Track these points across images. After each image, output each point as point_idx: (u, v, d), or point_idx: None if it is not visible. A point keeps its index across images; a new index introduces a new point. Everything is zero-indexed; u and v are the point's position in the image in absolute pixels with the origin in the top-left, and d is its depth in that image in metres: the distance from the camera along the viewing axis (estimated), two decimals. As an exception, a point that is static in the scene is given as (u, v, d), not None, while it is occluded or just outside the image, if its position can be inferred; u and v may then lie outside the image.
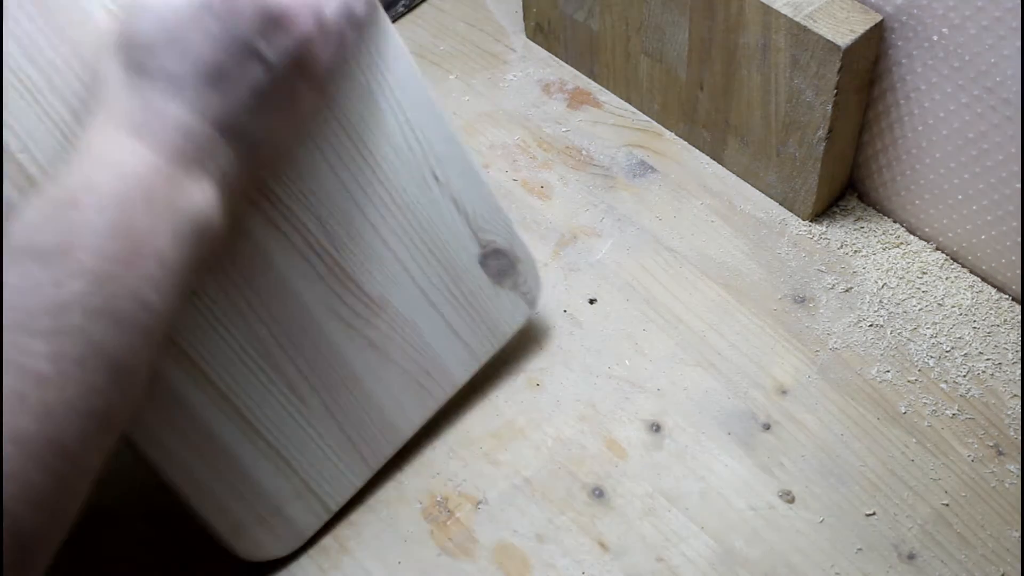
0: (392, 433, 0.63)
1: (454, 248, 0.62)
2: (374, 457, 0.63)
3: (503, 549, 0.62)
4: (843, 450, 0.65)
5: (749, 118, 0.75)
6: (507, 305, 0.66)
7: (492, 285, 0.65)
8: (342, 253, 0.58)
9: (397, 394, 0.63)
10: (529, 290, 0.67)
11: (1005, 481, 0.63)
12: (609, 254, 0.76)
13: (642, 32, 0.79)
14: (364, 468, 0.63)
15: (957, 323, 0.71)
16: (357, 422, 0.61)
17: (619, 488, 0.64)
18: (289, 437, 0.59)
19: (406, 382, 0.63)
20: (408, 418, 0.64)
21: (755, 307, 0.72)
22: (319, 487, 0.61)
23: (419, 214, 0.60)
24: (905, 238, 0.76)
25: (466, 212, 0.62)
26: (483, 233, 0.63)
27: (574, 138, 0.83)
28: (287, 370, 0.58)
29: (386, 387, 0.62)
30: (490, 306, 0.65)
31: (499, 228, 0.64)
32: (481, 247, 0.63)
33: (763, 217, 0.78)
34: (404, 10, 0.94)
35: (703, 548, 0.61)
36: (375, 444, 0.63)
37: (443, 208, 0.61)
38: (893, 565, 0.60)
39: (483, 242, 0.64)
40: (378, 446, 0.63)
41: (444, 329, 0.63)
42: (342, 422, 0.61)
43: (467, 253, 0.63)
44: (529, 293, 0.67)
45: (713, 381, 0.69)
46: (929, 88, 0.68)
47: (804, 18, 0.66)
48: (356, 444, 0.62)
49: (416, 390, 0.63)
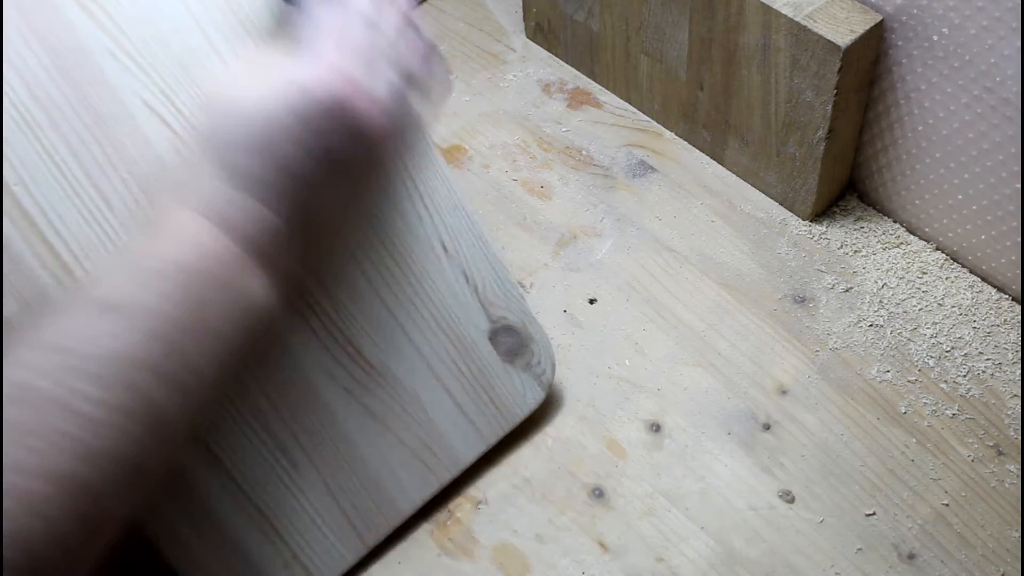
0: (390, 509, 0.61)
1: (462, 321, 0.61)
2: (369, 534, 0.60)
3: (503, 549, 0.62)
4: (843, 450, 0.65)
5: (749, 118, 0.75)
6: (518, 386, 0.64)
7: (502, 363, 0.63)
8: (342, 316, 0.57)
9: (396, 468, 0.60)
10: (543, 372, 0.65)
11: (1005, 481, 0.63)
12: (609, 254, 0.76)
13: (642, 32, 0.79)
14: (358, 544, 0.60)
15: (957, 323, 0.71)
16: (351, 493, 0.59)
17: (619, 488, 0.64)
18: (279, 503, 0.57)
19: (406, 456, 0.61)
20: (408, 495, 0.61)
21: (755, 307, 0.72)
22: (308, 559, 0.58)
23: (426, 283, 0.60)
24: (905, 238, 0.76)
25: (476, 284, 0.61)
26: (493, 308, 0.62)
27: (574, 138, 0.83)
28: (279, 432, 0.56)
29: (384, 459, 0.60)
30: (499, 385, 0.63)
31: (511, 304, 0.63)
32: (491, 322, 0.62)
33: (763, 217, 0.78)
34: (404, 10, 0.94)
35: (703, 548, 0.61)
36: (370, 519, 0.60)
37: (451, 279, 0.60)
38: (893, 565, 0.60)
39: (493, 317, 0.62)
40: (374, 522, 0.60)
41: (449, 405, 0.61)
42: (335, 492, 0.58)
43: (476, 328, 0.62)
44: (543, 375, 0.65)
45: (713, 381, 0.69)
46: (929, 88, 0.68)
47: (804, 18, 0.66)
48: (350, 517, 0.59)
49: (417, 466, 0.61)
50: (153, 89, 0.52)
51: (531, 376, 0.64)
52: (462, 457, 0.63)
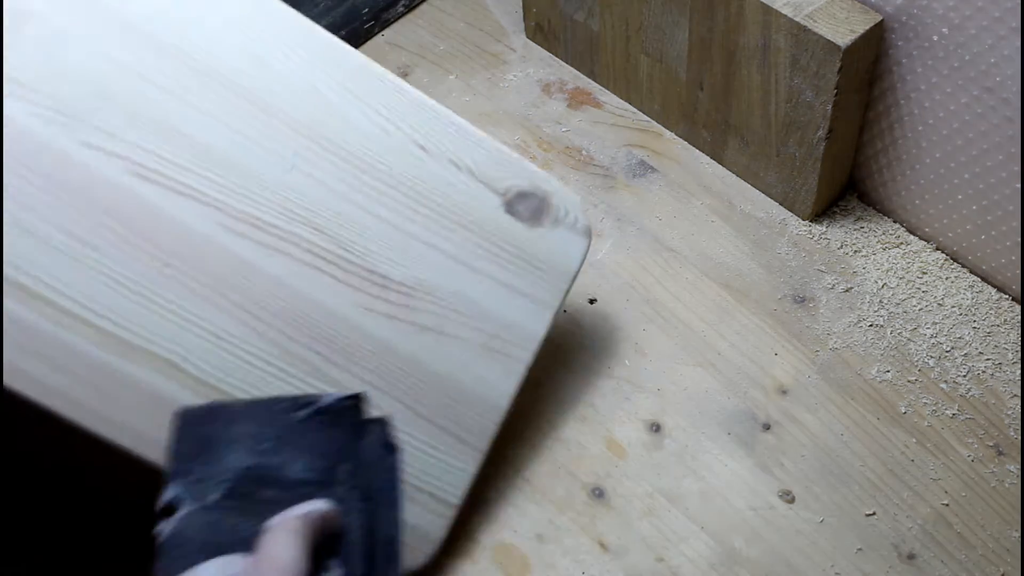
0: (487, 409, 0.60)
1: (471, 206, 0.60)
2: (476, 438, 0.60)
3: (503, 549, 0.62)
4: (843, 450, 0.65)
5: (749, 118, 0.75)
6: (556, 243, 0.63)
7: (530, 228, 0.62)
8: (355, 253, 0.58)
9: (473, 368, 0.60)
10: (575, 220, 0.63)
11: (1005, 481, 0.63)
12: (609, 254, 0.76)
13: (642, 32, 0.79)
14: (470, 451, 0.59)
15: (957, 323, 0.71)
16: (444, 410, 0.59)
17: (619, 488, 0.64)
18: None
19: (477, 353, 0.60)
20: (498, 389, 0.60)
21: (755, 307, 0.72)
22: (433, 487, 0.58)
23: (419, 188, 0.59)
24: (905, 238, 0.76)
25: (468, 167, 0.61)
26: (497, 182, 0.61)
27: (574, 138, 0.83)
28: (351, 384, 0.56)
29: (457, 365, 0.59)
30: (537, 250, 0.62)
31: (513, 171, 0.62)
32: (500, 195, 0.61)
33: (763, 217, 0.78)
34: (404, 10, 0.94)
35: (703, 548, 0.61)
36: (473, 425, 0.60)
37: (441, 173, 0.60)
38: (893, 565, 0.60)
39: (500, 190, 0.61)
40: (478, 426, 0.60)
41: (496, 288, 0.61)
42: (429, 416, 0.58)
43: (488, 207, 0.61)
44: (576, 223, 0.63)
45: (713, 381, 0.69)
46: (929, 88, 0.68)
47: (804, 18, 0.66)
48: (454, 432, 0.59)
49: (493, 358, 0.60)
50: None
51: (565, 228, 0.63)
52: (533, 331, 0.62)
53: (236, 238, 0.55)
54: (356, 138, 0.58)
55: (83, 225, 0.52)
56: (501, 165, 0.62)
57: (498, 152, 0.62)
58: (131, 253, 0.53)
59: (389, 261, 0.58)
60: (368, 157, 0.58)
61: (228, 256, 0.55)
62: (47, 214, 0.52)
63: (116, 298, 0.53)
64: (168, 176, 0.54)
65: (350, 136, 0.58)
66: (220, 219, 0.55)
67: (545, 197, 0.63)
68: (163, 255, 0.54)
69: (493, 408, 0.61)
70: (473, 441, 0.60)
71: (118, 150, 0.53)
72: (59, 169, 0.52)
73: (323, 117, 0.58)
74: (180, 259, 0.54)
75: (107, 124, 0.53)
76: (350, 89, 0.58)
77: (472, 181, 0.61)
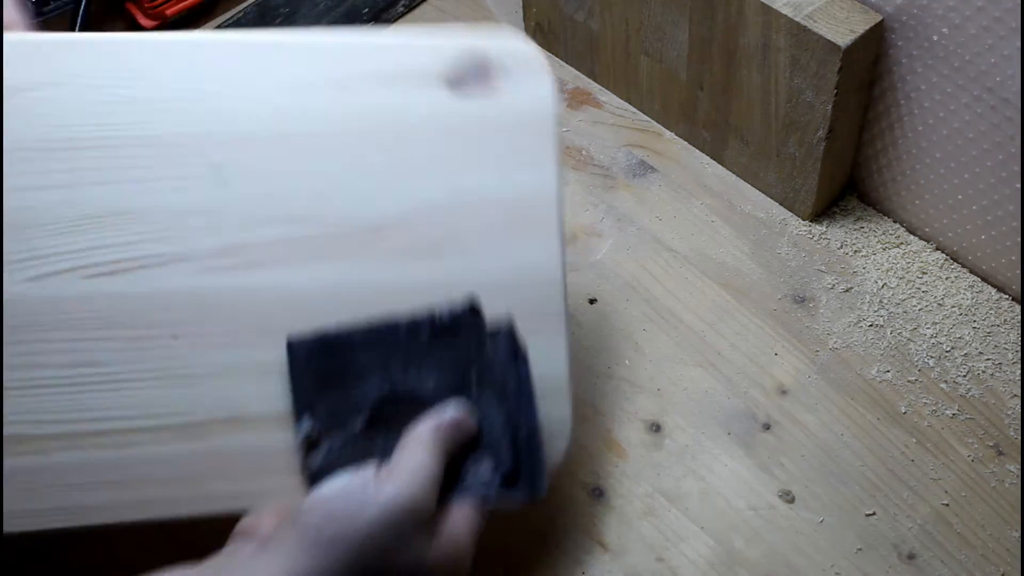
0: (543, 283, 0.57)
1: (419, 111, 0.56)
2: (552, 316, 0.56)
3: (505, 548, 0.62)
4: (843, 450, 0.65)
5: (749, 118, 0.75)
6: (519, 93, 0.56)
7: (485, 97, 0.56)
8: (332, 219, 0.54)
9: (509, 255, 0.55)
10: (525, 60, 0.58)
11: (1005, 481, 0.63)
12: (609, 254, 0.76)
13: (642, 32, 0.79)
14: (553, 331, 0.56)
15: (957, 323, 0.71)
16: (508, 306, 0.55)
17: (619, 488, 0.64)
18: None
19: (504, 240, 0.55)
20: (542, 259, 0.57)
21: (755, 307, 0.72)
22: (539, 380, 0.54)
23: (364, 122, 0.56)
24: (905, 238, 0.76)
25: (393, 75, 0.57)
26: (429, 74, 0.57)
27: (574, 138, 0.83)
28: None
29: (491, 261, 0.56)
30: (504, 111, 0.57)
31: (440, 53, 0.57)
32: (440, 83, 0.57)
33: (763, 217, 0.78)
34: (404, 10, 0.94)
35: (703, 548, 0.61)
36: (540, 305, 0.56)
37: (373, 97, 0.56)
38: (893, 565, 0.60)
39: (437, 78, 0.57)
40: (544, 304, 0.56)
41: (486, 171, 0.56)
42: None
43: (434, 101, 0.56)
44: (528, 62, 0.58)
45: (713, 381, 0.69)
46: (929, 88, 0.68)
47: (804, 18, 0.66)
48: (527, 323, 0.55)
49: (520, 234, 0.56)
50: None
51: (519, 75, 0.57)
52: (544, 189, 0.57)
53: (221, 274, 0.53)
54: (268, 113, 0.55)
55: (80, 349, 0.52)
56: (426, 53, 0.57)
57: (417, 43, 0.58)
58: (137, 345, 0.52)
59: (372, 208, 0.55)
60: (295, 125, 0.55)
61: (223, 294, 0.53)
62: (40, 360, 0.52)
63: (155, 392, 0.52)
64: (122, 259, 0.53)
65: (262, 115, 0.55)
66: (193, 268, 0.53)
67: (483, 59, 0.58)
68: (164, 330, 0.53)
69: (549, 280, 0.57)
70: (551, 320, 0.56)
71: (60, 266, 0.52)
72: (26, 314, 0.52)
73: (223, 115, 0.55)
74: (181, 324, 0.53)
75: (31, 249, 0.52)
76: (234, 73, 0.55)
77: (406, 87, 0.57)
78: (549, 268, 0.57)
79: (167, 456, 0.52)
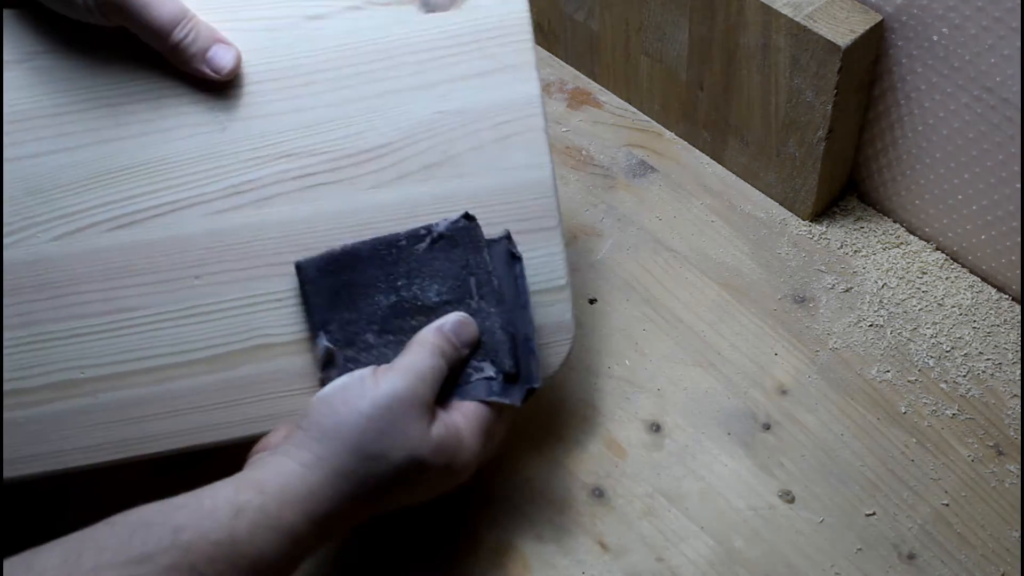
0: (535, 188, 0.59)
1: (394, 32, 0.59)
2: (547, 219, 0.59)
3: (503, 549, 0.62)
4: (843, 450, 0.65)
5: (749, 118, 0.75)
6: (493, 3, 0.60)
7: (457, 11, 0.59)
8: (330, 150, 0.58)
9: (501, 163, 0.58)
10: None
11: (1005, 481, 0.63)
12: (609, 254, 0.76)
13: (642, 32, 0.79)
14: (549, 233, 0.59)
15: (957, 323, 0.71)
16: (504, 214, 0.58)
17: (619, 488, 0.64)
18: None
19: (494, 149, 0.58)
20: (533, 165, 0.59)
21: (755, 307, 0.72)
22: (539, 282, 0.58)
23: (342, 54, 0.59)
24: (905, 238, 0.76)
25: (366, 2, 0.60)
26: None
27: (574, 138, 0.83)
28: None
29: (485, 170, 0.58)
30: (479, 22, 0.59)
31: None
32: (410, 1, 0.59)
33: (763, 217, 0.78)
34: None
35: (703, 548, 0.61)
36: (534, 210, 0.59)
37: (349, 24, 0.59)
38: (893, 565, 0.60)
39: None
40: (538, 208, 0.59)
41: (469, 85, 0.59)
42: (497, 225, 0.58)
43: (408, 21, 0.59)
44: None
45: (713, 381, 0.69)
46: (929, 88, 0.68)
47: (804, 18, 0.66)
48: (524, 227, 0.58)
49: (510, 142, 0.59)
50: None
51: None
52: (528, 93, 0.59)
53: (231, 214, 0.57)
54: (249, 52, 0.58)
55: (112, 297, 0.56)
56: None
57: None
58: (163, 288, 0.56)
59: (362, 136, 0.58)
60: (276, 62, 0.58)
61: (236, 232, 0.57)
62: (77, 311, 0.55)
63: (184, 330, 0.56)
64: (138, 211, 0.56)
65: (245, 56, 0.57)
66: (205, 211, 0.57)
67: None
68: (186, 272, 0.56)
69: (542, 184, 0.59)
70: (547, 223, 0.59)
71: (83, 223, 0.56)
72: (60, 270, 0.55)
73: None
74: (201, 265, 0.56)
75: (53, 210, 0.56)
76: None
77: (381, 9, 0.59)
78: (539, 171, 0.59)
79: (202, 387, 0.56)
